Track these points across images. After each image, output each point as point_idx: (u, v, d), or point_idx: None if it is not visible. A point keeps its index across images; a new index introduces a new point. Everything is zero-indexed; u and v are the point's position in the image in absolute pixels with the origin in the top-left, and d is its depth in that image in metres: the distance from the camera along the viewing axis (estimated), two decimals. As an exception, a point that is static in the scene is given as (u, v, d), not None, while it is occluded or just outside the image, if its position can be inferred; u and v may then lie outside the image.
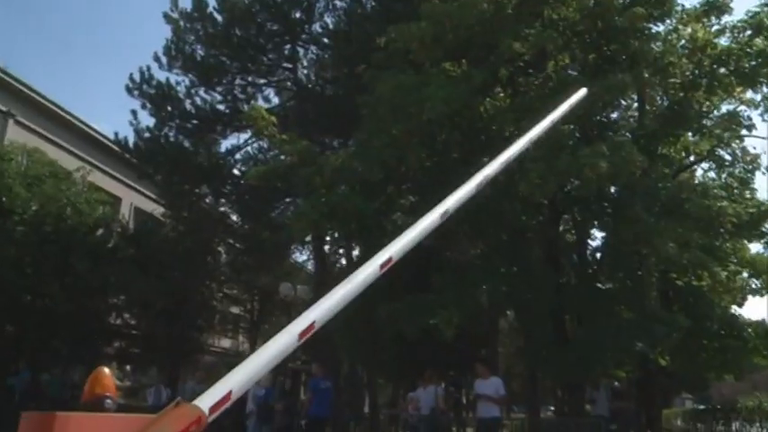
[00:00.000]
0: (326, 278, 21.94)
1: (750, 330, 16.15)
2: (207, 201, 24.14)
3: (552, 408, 27.18)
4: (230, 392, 2.29)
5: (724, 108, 16.15)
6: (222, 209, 24.49)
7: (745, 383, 22.05)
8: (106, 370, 2.27)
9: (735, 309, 18.08)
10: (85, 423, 2.02)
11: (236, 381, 2.35)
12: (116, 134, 23.43)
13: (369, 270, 3.06)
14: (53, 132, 25.08)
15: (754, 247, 17.09)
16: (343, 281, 2.86)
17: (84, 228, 20.54)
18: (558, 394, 24.18)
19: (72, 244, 19.65)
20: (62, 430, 1.94)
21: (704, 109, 15.72)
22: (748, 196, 16.34)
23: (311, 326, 2.67)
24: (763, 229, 15.30)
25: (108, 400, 2.16)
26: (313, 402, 12.68)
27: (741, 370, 17.48)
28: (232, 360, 31.46)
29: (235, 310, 32.24)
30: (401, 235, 3.22)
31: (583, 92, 6.39)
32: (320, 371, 13.38)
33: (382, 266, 3.10)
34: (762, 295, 17.02)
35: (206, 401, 2.18)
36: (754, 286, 17.16)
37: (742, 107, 16.15)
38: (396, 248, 3.20)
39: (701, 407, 19.64)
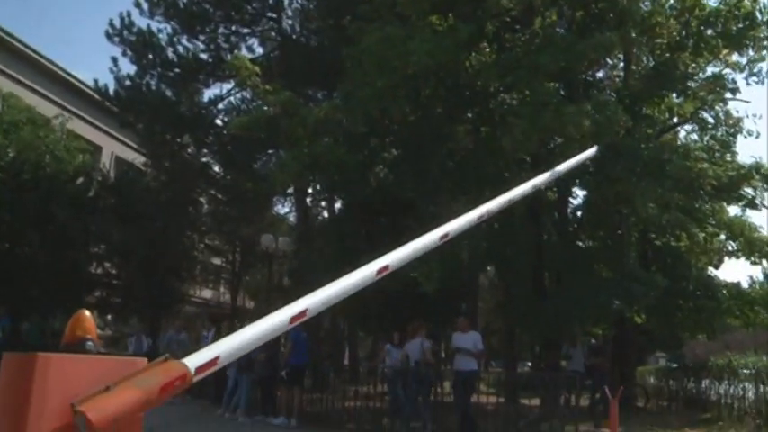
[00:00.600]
0: (308, 230, 21.95)
1: (725, 291, 16.45)
2: (189, 151, 23.93)
3: (529, 363, 27.66)
4: (218, 357, 2.41)
5: (709, 70, 16.13)
6: (204, 159, 24.30)
7: (717, 344, 22.51)
8: (87, 313, 2.26)
9: (711, 270, 18.39)
10: (66, 364, 2.03)
11: (224, 348, 2.48)
12: (95, 81, 23.01)
13: (365, 273, 3.26)
14: (29, 78, 24.56)
15: (732, 210, 17.31)
16: (341, 278, 3.09)
17: (63, 176, 20.31)
18: (536, 350, 24.59)
19: (52, 192, 19.44)
20: (43, 370, 1.95)
21: (690, 71, 15.70)
22: (729, 159, 16.45)
23: (303, 312, 2.87)
24: (742, 192, 15.46)
25: (89, 343, 2.15)
26: (292, 353, 12.84)
27: (714, 330, 17.84)
28: (213, 311, 31.74)
29: (216, 260, 32.27)
30: (401, 248, 3.47)
31: (593, 151, 7.27)
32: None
33: (378, 272, 3.31)
34: (737, 257, 17.27)
35: (194, 361, 2.27)
36: (730, 248, 17.40)
37: (727, 70, 16.16)
38: (393, 258, 3.42)
39: (674, 365, 20.05)
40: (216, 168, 24.68)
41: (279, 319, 2.79)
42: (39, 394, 1.92)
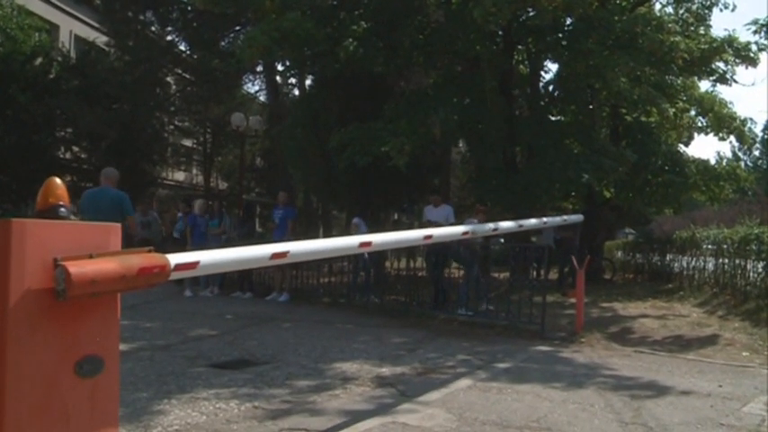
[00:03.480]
0: (279, 109, 21.66)
1: (692, 167, 16.74)
2: (153, 29, 23.07)
3: (502, 240, 28.22)
4: (198, 263, 2.62)
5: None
6: (169, 37, 23.48)
7: (684, 220, 23.08)
8: (58, 180, 2.23)
9: (681, 147, 18.62)
10: (42, 228, 2.04)
11: (206, 256, 2.70)
12: (44, -48, 21.77)
13: (348, 242, 3.59)
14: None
15: (703, 86, 17.33)
16: (327, 239, 3.45)
17: (20, 56, 19.52)
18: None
19: (9, 74, 18.76)
20: (20, 235, 1.96)
21: (670, -64, 15.25)
22: (702, 32, 16.24)
23: (285, 253, 3.12)
24: (713, 67, 15.38)
25: (62, 209, 2.15)
26: (275, 231, 13.00)
27: (680, 204, 18.24)
28: (187, 193, 31.68)
29: (187, 142, 31.89)
30: (387, 233, 3.90)
31: (579, 217, 7.94)
32: (285, 199, 13.66)
33: (361, 245, 3.59)
34: (706, 133, 17.45)
35: (175, 259, 2.44)
36: (700, 124, 17.54)
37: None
38: (377, 239, 3.73)
39: (640, 239, 20.54)
40: (182, 47, 23.92)
41: (262, 250, 3.04)
42: (17, 257, 1.94)
